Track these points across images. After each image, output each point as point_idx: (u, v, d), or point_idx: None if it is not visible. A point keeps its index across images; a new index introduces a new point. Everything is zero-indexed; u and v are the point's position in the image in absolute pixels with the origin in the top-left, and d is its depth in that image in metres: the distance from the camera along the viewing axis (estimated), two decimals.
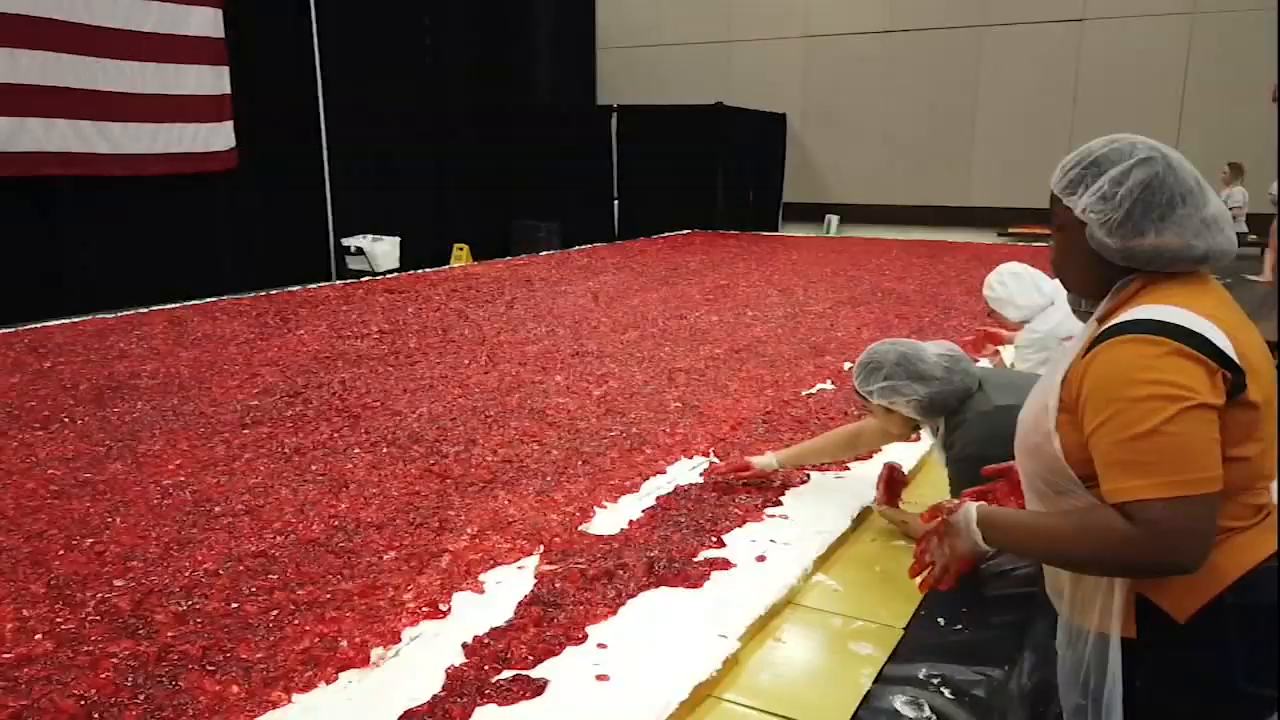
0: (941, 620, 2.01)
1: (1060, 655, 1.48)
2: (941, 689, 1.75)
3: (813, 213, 12.96)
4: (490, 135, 11.93)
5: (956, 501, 1.57)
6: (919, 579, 1.63)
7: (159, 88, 7.58)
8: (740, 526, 2.43)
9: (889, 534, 2.44)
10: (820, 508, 2.56)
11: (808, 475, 2.80)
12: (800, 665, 1.87)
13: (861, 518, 2.53)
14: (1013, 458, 1.57)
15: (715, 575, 2.15)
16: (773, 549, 2.30)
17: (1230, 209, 9.98)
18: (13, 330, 4.99)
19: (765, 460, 2.74)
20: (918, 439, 2.71)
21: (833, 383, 3.97)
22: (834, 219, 12.78)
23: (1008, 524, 1.48)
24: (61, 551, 2.26)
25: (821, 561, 2.27)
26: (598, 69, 14.29)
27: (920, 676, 1.79)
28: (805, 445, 2.83)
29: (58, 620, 1.93)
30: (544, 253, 9.58)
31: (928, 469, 2.87)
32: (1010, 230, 11.29)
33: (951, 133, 12.15)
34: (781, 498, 2.63)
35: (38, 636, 1.86)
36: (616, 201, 12.51)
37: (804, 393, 3.84)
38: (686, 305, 5.98)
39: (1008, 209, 11.56)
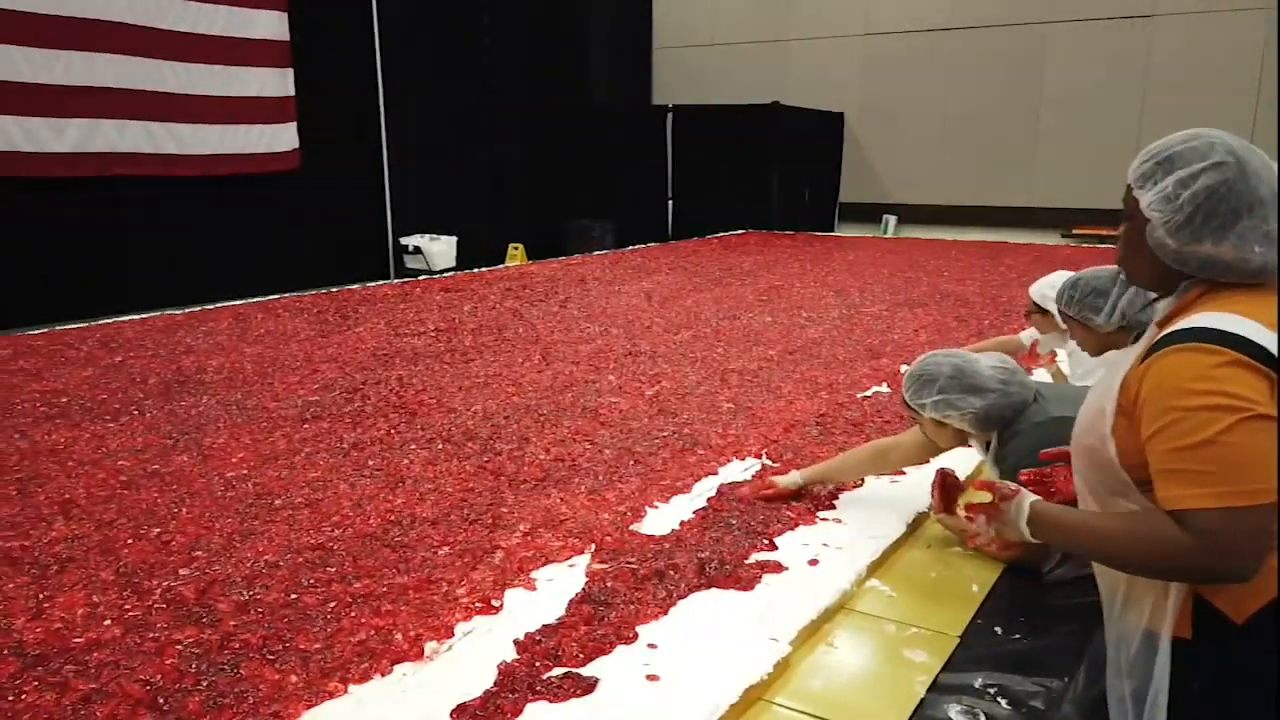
0: (999, 629, 1.97)
1: (1110, 655, 1.45)
2: (998, 699, 1.72)
3: (870, 213, 12.79)
4: (546, 136, 12.02)
5: (1014, 487, 1.54)
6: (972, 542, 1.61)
7: (226, 90, 7.79)
8: (792, 530, 2.41)
9: (945, 541, 2.40)
10: (874, 512, 2.53)
11: (863, 479, 2.76)
12: (853, 671, 1.85)
13: (916, 524, 2.49)
14: None
15: (767, 578, 2.14)
16: (825, 553, 2.28)
17: None
18: (86, 325, 5.17)
19: (790, 479, 2.70)
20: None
21: (888, 386, 3.92)
22: (891, 219, 12.60)
23: (1060, 522, 1.45)
24: (130, 540, 2.33)
25: (875, 567, 2.25)
26: (653, 69, 14.29)
27: (976, 686, 1.76)
28: (830, 463, 2.76)
29: (126, 607, 1.99)
30: (598, 252, 9.62)
31: (982, 476, 2.82)
32: (1074, 231, 11.02)
33: (1014, 131, 11.89)
34: (835, 501, 2.61)
35: (106, 622, 1.92)
36: (671, 201, 12.50)
37: (859, 395, 3.80)
38: (740, 306, 5.95)
39: (1072, 210, 11.28)
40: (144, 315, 5.48)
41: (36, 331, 4.98)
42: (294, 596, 2.04)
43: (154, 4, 7.17)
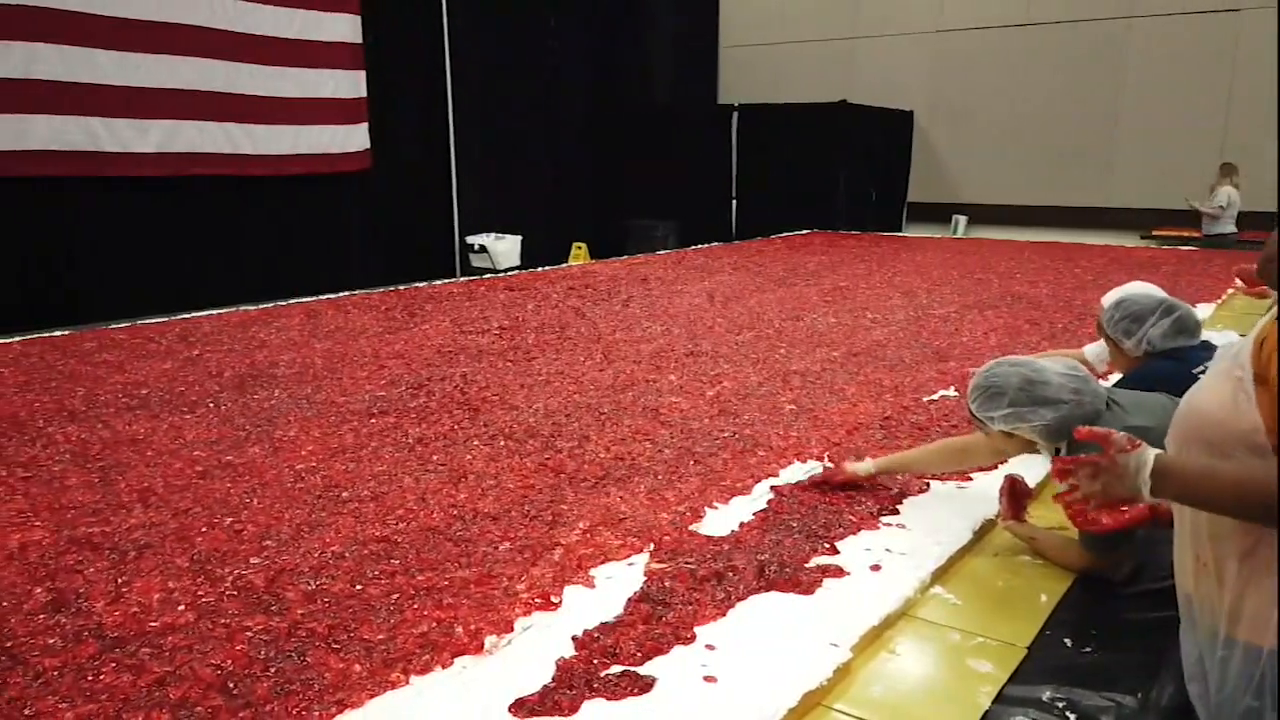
0: (1069, 641, 1.91)
1: (1209, 669, 1.39)
2: (1067, 713, 1.67)
3: (939, 213, 12.56)
4: (610, 135, 12.08)
5: (1135, 440, 1.46)
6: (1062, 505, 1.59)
7: (300, 92, 8.00)
8: (855, 534, 2.38)
9: (1013, 549, 2.34)
10: (940, 518, 2.47)
11: (927, 484, 2.71)
12: (915, 679, 1.82)
13: (984, 531, 2.43)
14: None
15: (827, 582, 2.11)
16: (888, 558, 2.24)
17: (1219, 208, 9.56)
18: (166, 320, 5.35)
19: (862, 465, 2.67)
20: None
21: (956, 389, 3.83)
22: (961, 219, 12.34)
23: (1190, 473, 1.37)
24: (204, 529, 2.41)
25: (940, 574, 2.20)
26: (719, 68, 14.25)
27: (1044, 699, 1.71)
28: (905, 454, 2.74)
29: (199, 593, 2.05)
30: (661, 252, 9.62)
31: (1053, 483, 2.74)
32: (1154, 233, 10.65)
33: (1092, 130, 11.56)
34: (899, 506, 2.56)
35: (180, 608, 1.98)
36: (735, 201, 12.44)
37: (925, 399, 3.73)
38: (804, 306, 5.89)
39: (1152, 210, 10.91)
40: (220, 311, 5.66)
41: (120, 325, 5.18)
42: (359, 587, 2.08)
43: (233, 8, 7.40)
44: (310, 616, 1.94)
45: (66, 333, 4.98)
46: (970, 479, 2.76)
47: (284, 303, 5.97)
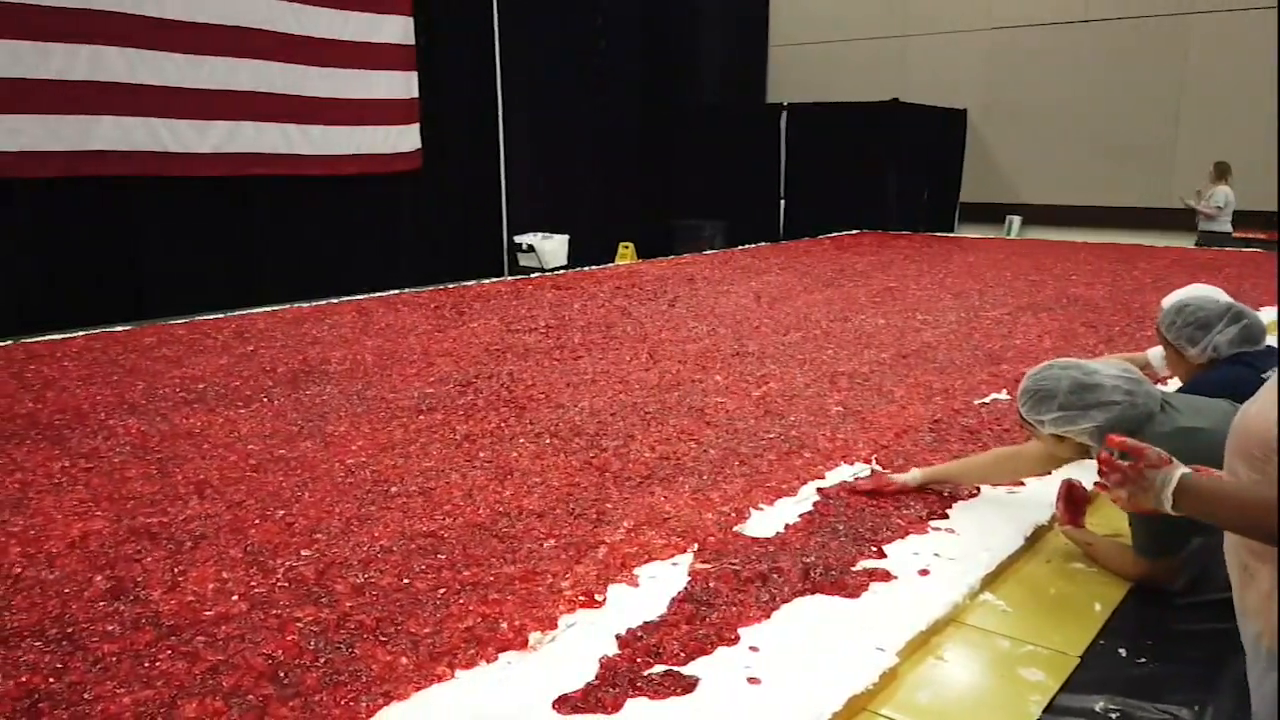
0: (1123, 651, 1.87)
1: (1250, 682, 1.36)
2: None
3: (993, 213, 12.34)
4: (658, 135, 12.08)
5: (1165, 455, 1.47)
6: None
7: (355, 93, 8.13)
8: (902, 538, 2.35)
9: (1068, 555, 2.29)
10: (990, 523, 2.43)
11: (977, 488, 2.67)
12: (963, 686, 1.79)
13: (1036, 537, 2.39)
14: None
15: (874, 586, 2.09)
16: (937, 563, 2.21)
17: (1216, 208, 9.39)
18: (222, 316, 5.48)
19: (908, 476, 2.63)
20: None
21: (1008, 393, 3.76)
22: (1015, 220, 12.11)
23: (1207, 491, 1.37)
24: (257, 521, 2.46)
25: (990, 580, 2.16)
26: (769, 67, 14.17)
27: (1097, 709, 1.67)
28: (951, 465, 2.70)
29: (252, 584, 2.09)
30: (707, 252, 9.60)
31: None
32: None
33: (1152, 129, 11.26)
34: (948, 510, 2.52)
35: (234, 598, 2.03)
36: (783, 201, 12.36)
37: (976, 402, 3.66)
38: (852, 307, 5.84)
39: None
40: (275, 308, 5.78)
41: (178, 321, 5.31)
42: (406, 581, 2.10)
43: (289, 11, 7.54)
44: (359, 609, 1.97)
45: (128, 328, 5.12)
46: (1023, 484, 2.71)
47: (336, 300, 6.08)
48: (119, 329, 5.09)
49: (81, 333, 4.96)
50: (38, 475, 2.80)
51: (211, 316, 5.46)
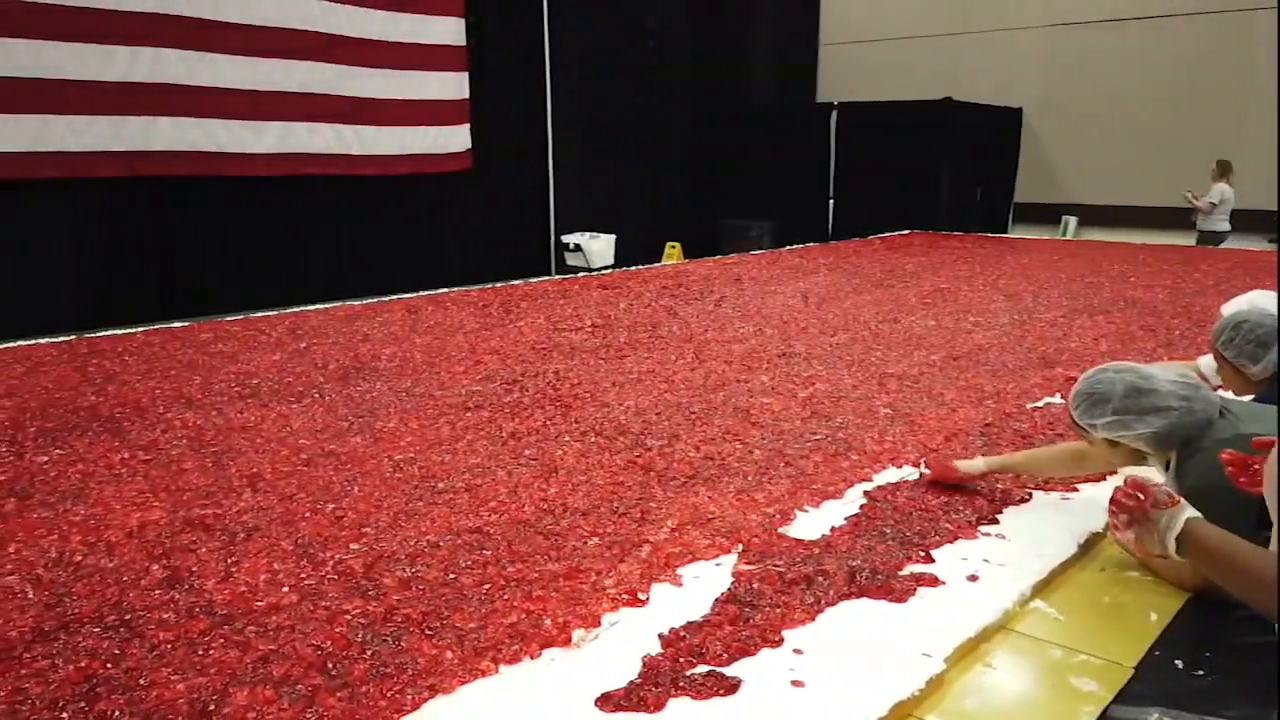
0: (1179, 663, 1.81)
1: None
2: None
3: (1048, 214, 12.09)
4: (706, 134, 12.06)
5: (1173, 496, 1.41)
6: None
7: (407, 93, 8.23)
8: (951, 543, 2.31)
9: (1123, 564, 2.24)
10: (1042, 529, 2.38)
11: (1029, 493, 2.62)
12: (1012, 694, 1.75)
13: (1090, 544, 2.33)
14: None
15: (921, 591, 2.06)
16: (986, 569, 2.16)
17: (1211, 204, 9.13)
18: (276, 314, 5.59)
19: (973, 464, 2.60)
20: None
21: (1062, 396, 3.68)
22: (1071, 220, 11.85)
23: (1216, 547, 1.32)
24: (307, 514, 2.50)
25: (1042, 587, 2.12)
26: (819, 66, 14.05)
27: None
28: (1018, 455, 2.66)
29: (302, 576, 2.13)
30: (755, 252, 9.55)
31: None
32: None
33: (1214, 128, 10.94)
34: (999, 515, 2.47)
35: (285, 589, 2.07)
36: (832, 201, 12.25)
37: (1029, 405, 3.59)
38: (902, 309, 5.76)
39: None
40: (327, 305, 5.88)
41: (234, 318, 5.43)
42: (452, 576, 2.12)
43: (343, 13, 7.67)
44: (405, 602, 2.00)
45: (185, 324, 5.25)
46: (1076, 489, 2.65)
47: (386, 298, 6.16)
48: (177, 325, 5.22)
49: (141, 328, 5.10)
50: (99, 466, 2.88)
51: (266, 314, 5.58)
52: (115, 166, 6.43)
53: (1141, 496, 1.43)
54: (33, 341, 4.74)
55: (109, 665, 1.75)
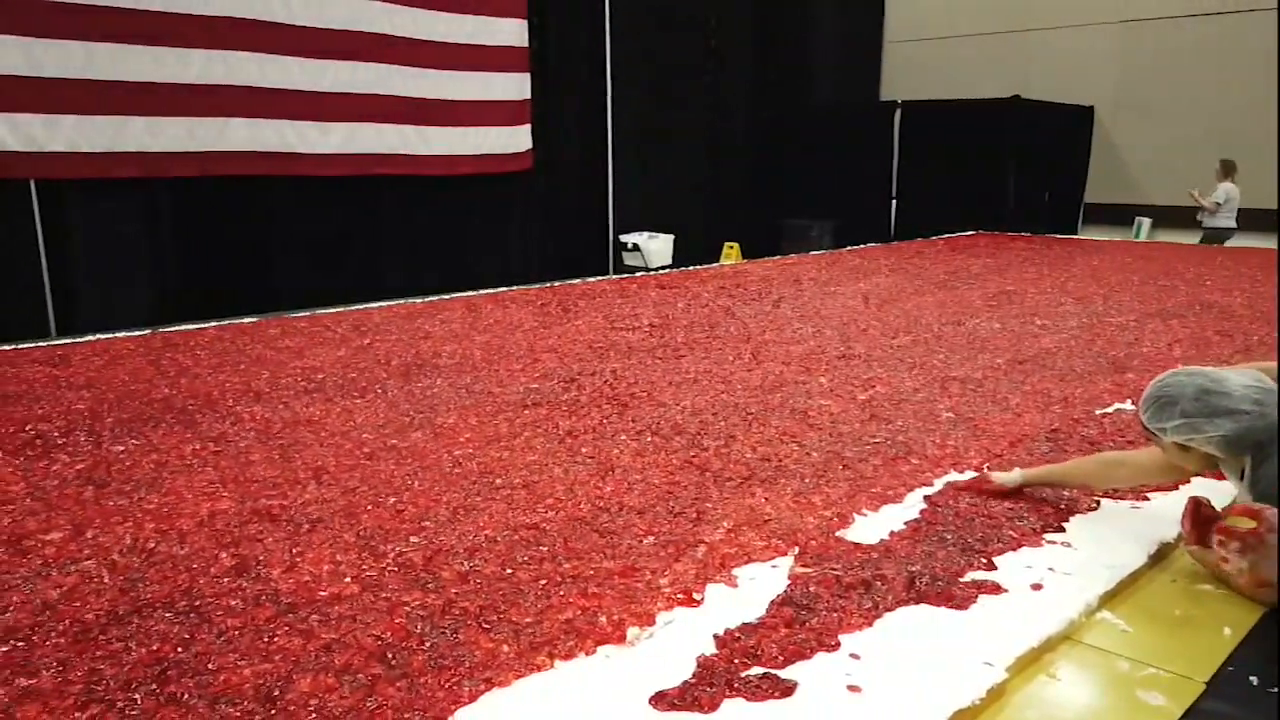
0: (1254, 679, 1.75)
1: None
2: None
3: (1120, 215, 11.74)
4: (767, 134, 11.98)
5: None
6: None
7: (470, 94, 8.34)
8: (1014, 550, 2.26)
9: (1195, 576, 2.16)
10: (1110, 539, 2.32)
11: (1097, 501, 2.54)
12: (1076, 707, 1.71)
13: (1161, 555, 2.26)
14: None
15: (983, 599, 2.01)
16: (1051, 578, 2.11)
17: (1216, 203, 8.67)
18: (341, 310, 5.71)
19: (1008, 476, 2.54)
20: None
21: (1133, 403, 3.58)
22: (1145, 222, 11.50)
23: None
24: (369, 507, 2.55)
25: (1109, 598, 2.06)
26: (883, 64, 13.86)
27: None
28: (1054, 467, 2.60)
29: (363, 567, 2.17)
30: (814, 252, 9.46)
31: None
32: None
33: None
34: (1065, 523, 2.41)
35: (346, 580, 2.11)
36: (894, 201, 12.07)
37: (1098, 411, 3.50)
38: (966, 311, 5.65)
39: None
40: (390, 303, 5.99)
41: (300, 315, 5.57)
42: (509, 571, 2.15)
43: (409, 15, 7.79)
44: (463, 596, 2.02)
45: (254, 320, 5.40)
46: (1146, 498, 2.57)
47: (447, 296, 6.25)
48: (246, 320, 5.37)
49: (213, 324, 5.25)
50: (171, 456, 2.98)
51: (331, 310, 5.70)
52: (189, 166, 6.63)
53: (1254, 522, 1.37)
54: (111, 335, 4.91)
55: (179, 649, 1.81)
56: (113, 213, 6.46)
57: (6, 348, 4.58)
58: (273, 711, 1.61)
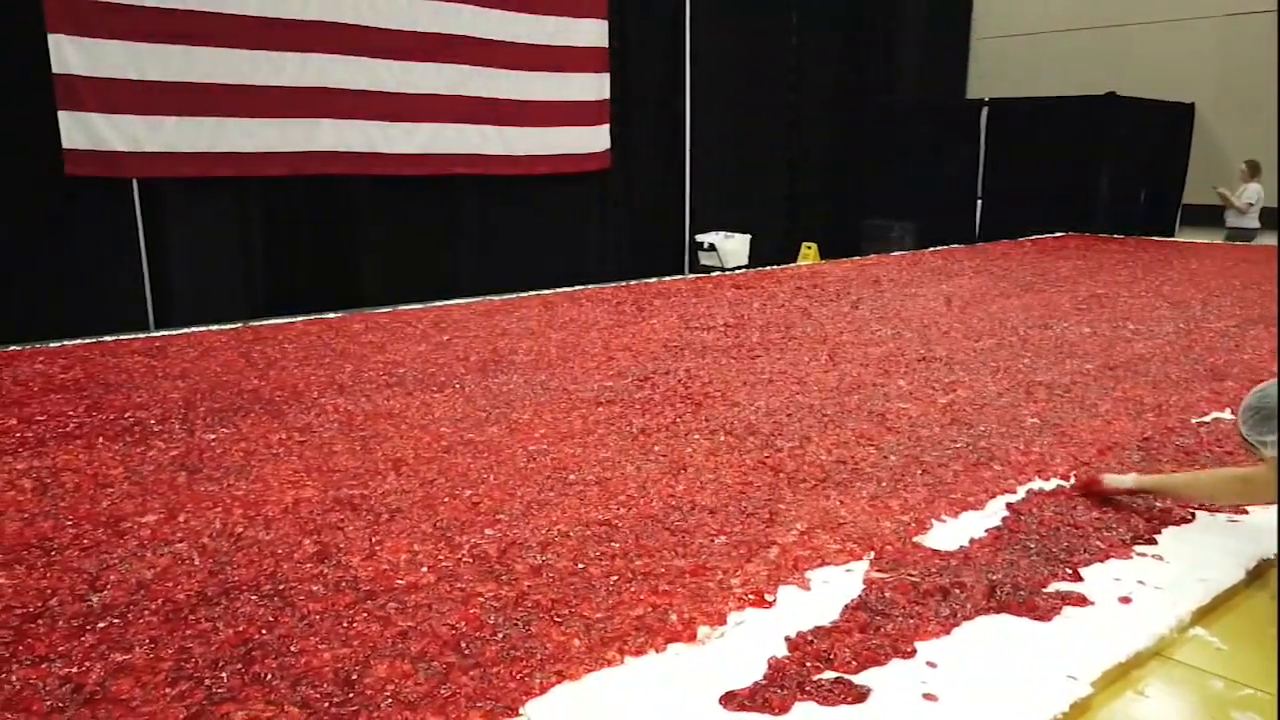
0: None
1: None
2: None
3: (1221, 216, 11.23)
4: (849, 133, 11.79)
5: None
6: None
7: (550, 95, 8.42)
8: (1102, 561, 2.18)
9: None
10: (1205, 552, 2.21)
11: (1192, 513, 2.44)
12: None
13: (1259, 571, 2.15)
14: None
15: (1067, 610, 1.95)
16: (1141, 591, 2.03)
17: (1248, 204, 8.42)
18: (422, 307, 5.83)
19: (1122, 479, 2.44)
20: None
21: (1233, 412, 3.41)
22: None
23: None
24: (446, 499, 2.60)
25: (1203, 614, 1.97)
26: (970, 61, 13.51)
27: None
28: (1176, 476, 2.49)
29: (439, 557, 2.21)
30: (895, 253, 9.28)
31: None
32: None
33: None
34: (1156, 535, 2.32)
35: (423, 569, 2.15)
36: (980, 201, 11.75)
37: (1194, 420, 3.35)
38: (1053, 314, 5.47)
39: None
40: (469, 300, 6.09)
41: (383, 310, 5.70)
42: (581, 566, 2.16)
43: (491, 17, 7.90)
44: (536, 589, 2.04)
45: (339, 315, 5.55)
46: (1246, 511, 2.45)
47: (525, 294, 6.33)
48: (331, 316, 5.52)
49: (300, 318, 5.42)
50: (259, 445, 3.08)
51: (412, 307, 5.83)
52: (281, 166, 6.85)
53: None
54: (204, 328, 5.11)
55: (264, 631, 1.87)
56: (207, 211, 6.71)
57: (108, 339, 4.80)
58: (350, 695, 1.65)
